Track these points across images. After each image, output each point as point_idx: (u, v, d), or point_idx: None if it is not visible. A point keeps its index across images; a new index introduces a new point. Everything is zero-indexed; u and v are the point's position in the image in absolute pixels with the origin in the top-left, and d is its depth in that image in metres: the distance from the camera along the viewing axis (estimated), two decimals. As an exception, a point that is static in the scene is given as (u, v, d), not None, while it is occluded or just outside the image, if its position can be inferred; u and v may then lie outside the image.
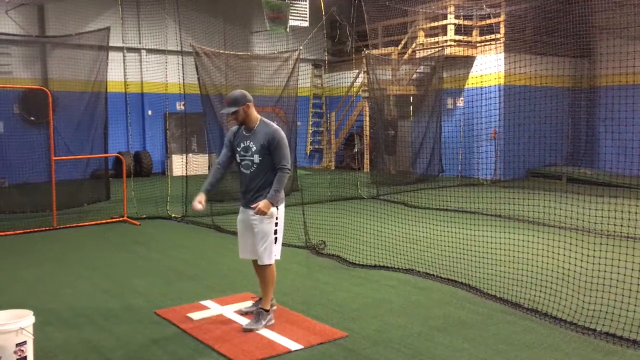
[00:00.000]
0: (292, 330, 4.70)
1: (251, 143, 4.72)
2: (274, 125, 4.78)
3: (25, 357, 3.94)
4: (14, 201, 10.82)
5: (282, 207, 4.84)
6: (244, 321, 4.93)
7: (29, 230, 9.13)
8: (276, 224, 4.77)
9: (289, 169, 4.69)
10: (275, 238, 4.77)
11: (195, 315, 5.08)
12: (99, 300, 5.67)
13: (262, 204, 4.58)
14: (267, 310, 4.83)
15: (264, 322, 4.76)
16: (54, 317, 5.13)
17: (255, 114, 4.80)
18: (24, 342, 3.93)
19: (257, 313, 4.84)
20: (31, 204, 10.68)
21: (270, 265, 4.77)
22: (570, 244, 6.21)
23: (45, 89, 10.19)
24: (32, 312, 4.09)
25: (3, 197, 10.99)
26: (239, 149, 4.81)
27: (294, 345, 4.39)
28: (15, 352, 3.87)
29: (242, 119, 4.75)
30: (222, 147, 5.08)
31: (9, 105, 12.84)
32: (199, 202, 4.72)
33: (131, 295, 5.83)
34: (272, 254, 4.75)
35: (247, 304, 5.29)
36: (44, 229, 9.27)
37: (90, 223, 9.77)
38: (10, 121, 12.47)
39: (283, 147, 4.66)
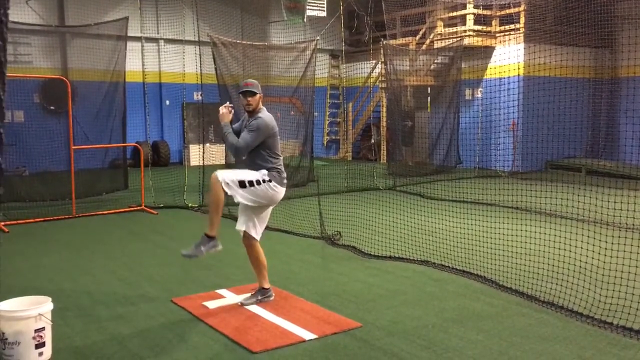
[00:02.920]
0: (307, 319, 4.72)
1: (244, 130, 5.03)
2: (267, 115, 5.01)
3: (44, 342, 4.01)
4: (34, 189, 10.97)
5: (262, 187, 4.92)
6: (258, 310, 4.98)
7: (48, 219, 9.26)
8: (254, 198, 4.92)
9: (240, 147, 4.89)
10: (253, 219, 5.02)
11: (211, 304, 5.13)
12: (117, 287, 5.75)
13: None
14: (266, 288, 5.11)
15: (260, 297, 5.08)
16: (72, 304, 5.21)
17: (260, 106, 5.10)
18: (43, 328, 4.00)
19: (256, 290, 5.15)
20: (51, 193, 10.82)
21: (251, 239, 5.00)
22: (589, 236, 6.15)
23: (64, 78, 10.30)
24: (50, 299, 4.17)
25: (23, 185, 11.13)
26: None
27: (308, 335, 4.41)
28: (34, 338, 3.94)
29: (255, 106, 5.00)
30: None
31: (30, 95, 12.99)
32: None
33: (148, 283, 5.90)
34: (254, 227, 4.99)
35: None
36: (63, 217, 9.40)
37: (109, 212, 9.89)
38: (30, 110, 12.62)
39: (253, 131, 4.88)
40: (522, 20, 14.58)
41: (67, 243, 7.76)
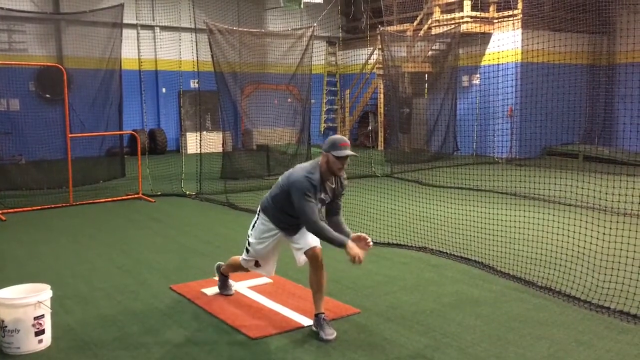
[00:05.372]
0: (305, 306, 4.72)
1: (324, 194, 4.35)
2: None
3: (44, 330, 4.02)
4: (31, 178, 10.95)
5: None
6: (256, 296, 5.00)
7: (46, 207, 9.25)
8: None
9: None
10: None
11: (209, 291, 5.14)
12: (115, 275, 5.75)
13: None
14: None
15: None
16: (71, 292, 5.21)
17: None
18: (42, 316, 4.01)
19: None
20: (48, 181, 10.80)
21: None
22: (586, 222, 6.16)
23: (60, 66, 10.24)
24: (49, 286, 4.17)
25: (20, 173, 11.11)
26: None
27: (306, 321, 4.42)
28: (33, 325, 3.95)
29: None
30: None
31: (25, 83, 12.91)
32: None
33: (146, 270, 5.90)
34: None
35: (258, 282, 5.34)
36: (60, 205, 9.38)
37: (106, 200, 9.87)
38: (26, 99, 12.55)
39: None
40: (520, 6, 14.51)
41: (64, 231, 7.75)
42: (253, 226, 4.51)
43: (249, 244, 4.52)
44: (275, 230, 4.38)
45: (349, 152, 4.28)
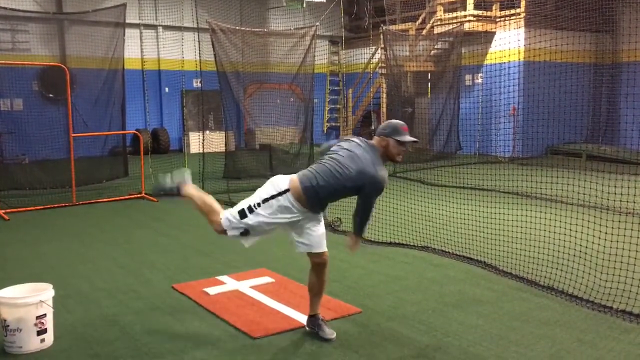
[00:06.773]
0: (307, 305, 4.72)
1: None
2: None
3: (46, 329, 4.03)
4: (34, 177, 10.97)
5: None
6: (258, 296, 5.00)
7: (48, 206, 9.26)
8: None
9: None
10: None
11: (212, 290, 5.14)
12: (118, 274, 5.76)
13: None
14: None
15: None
16: (73, 291, 5.22)
17: None
18: (44, 315, 4.01)
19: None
20: (51, 180, 10.82)
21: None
22: (589, 221, 6.14)
23: (63, 66, 10.26)
24: (51, 286, 4.18)
25: (23, 173, 11.13)
26: None
27: (308, 320, 4.42)
28: (35, 324, 3.96)
29: None
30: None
31: (28, 83, 12.94)
32: None
33: (149, 270, 5.91)
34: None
35: (260, 281, 5.34)
36: (63, 204, 9.40)
37: (109, 199, 9.89)
38: (29, 98, 12.58)
39: None
40: (523, 4, 14.48)
41: (67, 230, 7.77)
42: (267, 199, 3.94)
43: (251, 211, 3.94)
44: (295, 215, 3.94)
45: (412, 137, 4.08)
